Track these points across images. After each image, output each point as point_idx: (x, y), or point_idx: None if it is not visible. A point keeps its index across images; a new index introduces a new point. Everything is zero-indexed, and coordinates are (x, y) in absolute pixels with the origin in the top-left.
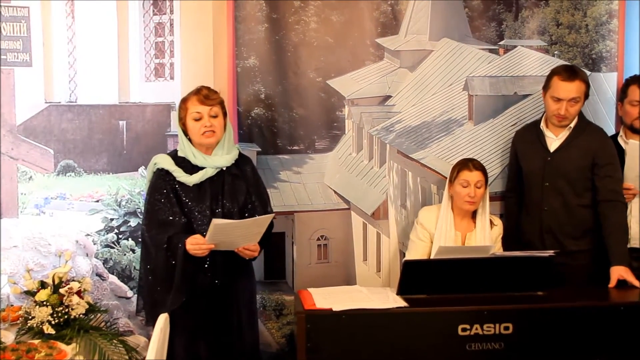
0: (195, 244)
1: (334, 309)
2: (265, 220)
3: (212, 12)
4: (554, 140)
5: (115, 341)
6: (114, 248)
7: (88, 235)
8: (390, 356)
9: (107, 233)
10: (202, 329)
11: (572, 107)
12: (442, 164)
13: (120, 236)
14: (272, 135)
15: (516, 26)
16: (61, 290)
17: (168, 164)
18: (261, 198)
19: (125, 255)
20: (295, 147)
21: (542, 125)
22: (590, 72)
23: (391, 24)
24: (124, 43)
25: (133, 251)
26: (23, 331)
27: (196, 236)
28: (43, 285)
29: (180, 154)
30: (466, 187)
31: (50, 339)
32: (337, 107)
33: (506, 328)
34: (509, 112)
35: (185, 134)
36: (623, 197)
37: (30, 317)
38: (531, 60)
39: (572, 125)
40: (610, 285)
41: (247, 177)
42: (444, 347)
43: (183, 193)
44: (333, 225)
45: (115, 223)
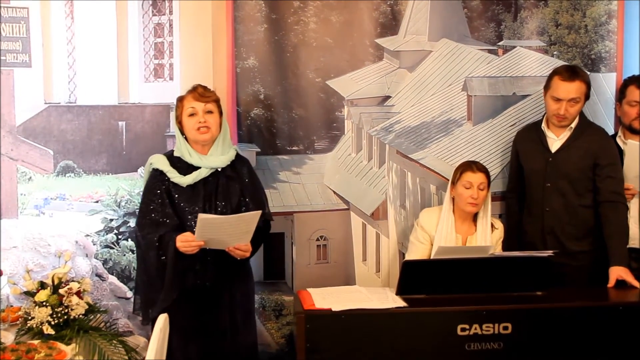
0: (185, 241)
1: (334, 309)
2: (252, 217)
3: (212, 13)
4: (555, 140)
5: (114, 341)
6: (114, 248)
7: (88, 235)
8: (389, 356)
9: (107, 233)
10: (195, 330)
11: (572, 108)
12: (442, 164)
13: (119, 237)
14: (272, 135)
15: (515, 27)
16: (61, 290)
17: (163, 164)
18: (256, 200)
19: (124, 255)
20: (294, 148)
21: (544, 125)
22: (589, 73)
23: (390, 25)
24: (123, 44)
25: (132, 252)
26: (23, 331)
27: (186, 234)
28: (43, 285)
29: (176, 154)
30: (469, 189)
31: (49, 340)
32: (337, 108)
33: (505, 328)
34: (508, 113)
35: (182, 133)
36: (624, 198)
37: (29, 318)
38: (530, 60)
39: (573, 125)
40: (609, 285)
41: (242, 179)
42: (443, 347)
43: (176, 194)
44: (332, 225)
45: (114, 224)
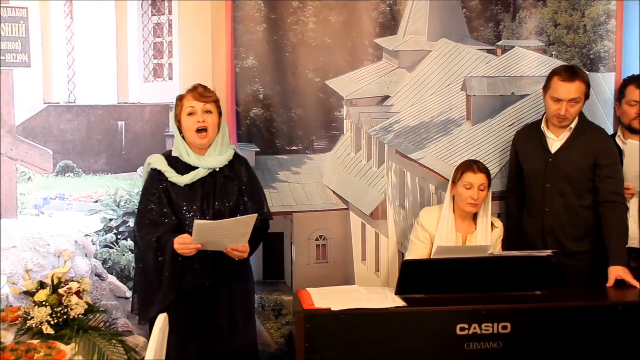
0: (182, 244)
1: (333, 309)
2: (248, 220)
3: (211, 13)
4: (555, 141)
5: (114, 341)
6: (113, 248)
7: (87, 235)
8: (388, 355)
9: (106, 233)
10: (194, 330)
11: (572, 108)
12: (441, 164)
13: (119, 236)
14: (271, 135)
15: (514, 26)
16: (60, 290)
17: (161, 164)
18: (255, 199)
19: (124, 255)
20: (293, 147)
21: (543, 126)
22: (588, 73)
23: (389, 24)
24: (123, 43)
25: (132, 251)
26: (22, 331)
27: (184, 235)
28: (42, 285)
29: (174, 154)
30: (469, 189)
31: (49, 339)
32: (336, 107)
33: (504, 327)
34: (507, 112)
35: (180, 133)
36: (624, 199)
37: (29, 317)
38: (529, 60)
39: (573, 125)
40: (608, 284)
41: (241, 178)
42: (442, 347)
43: (174, 193)
44: (332, 225)
45: (114, 223)
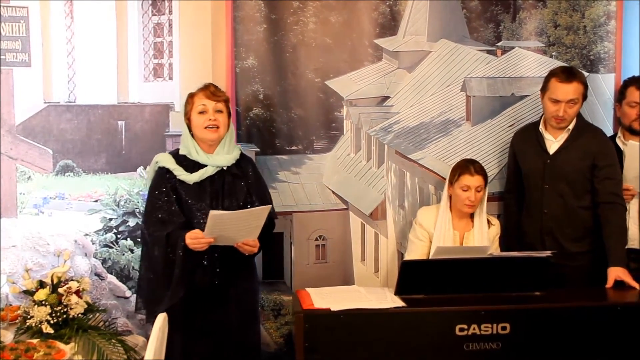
0: (194, 238)
1: (332, 309)
2: (262, 211)
3: (211, 13)
4: (553, 142)
5: (113, 341)
6: (113, 248)
7: (87, 235)
8: (388, 356)
9: (106, 233)
10: (201, 328)
11: (571, 109)
12: (440, 165)
13: (118, 236)
14: (271, 135)
15: (514, 27)
16: (60, 289)
17: (169, 163)
18: (262, 197)
19: (123, 255)
20: (293, 148)
21: (541, 127)
22: (588, 74)
23: (389, 25)
24: (123, 43)
25: (132, 251)
26: (22, 330)
27: (195, 231)
28: (42, 284)
29: (182, 152)
30: (466, 191)
31: (48, 339)
32: (336, 108)
33: (503, 328)
34: (507, 113)
35: (189, 131)
36: (623, 200)
37: (29, 317)
38: (529, 61)
39: (571, 127)
40: (607, 285)
41: (248, 177)
42: (442, 347)
43: (183, 191)
44: (331, 225)
45: (113, 223)
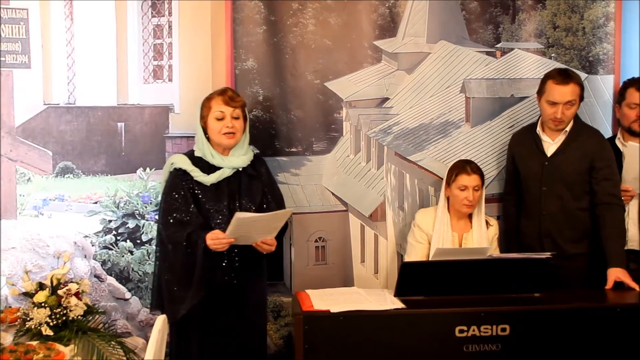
0: (215, 239)
1: (332, 311)
2: (284, 214)
3: (211, 14)
4: (551, 144)
5: (113, 342)
6: (112, 250)
7: (86, 236)
8: (387, 357)
9: (106, 235)
10: (218, 328)
11: (568, 110)
12: (440, 166)
13: (118, 238)
14: (270, 137)
15: (513, 29)
16: (59, 291)
17: (185, 164)
18: (277, 198)
19: (123, 256)
20: (293, 149)
21: (539, 129)
22: (587, 75)
23: (389, 27)
24: (123, 45)
25: (131, 253)
26: (21, 332)
27: (216, 231)
28: (41, 286)
29: (197, 154)
30: (464, 191)
31: (48, 341)
32: (335, 109)
33: (503, 329)
34: (506, 115)
35: (204, 133)
36: (621, 200)
37: (28, 319)
38: (528, 62)
39: (568, 128)
40: (607, 286)
41: (263, 178)
42: (441, 349)
43: (200, 192)
44: (331, 227)
45: (113, 225)
